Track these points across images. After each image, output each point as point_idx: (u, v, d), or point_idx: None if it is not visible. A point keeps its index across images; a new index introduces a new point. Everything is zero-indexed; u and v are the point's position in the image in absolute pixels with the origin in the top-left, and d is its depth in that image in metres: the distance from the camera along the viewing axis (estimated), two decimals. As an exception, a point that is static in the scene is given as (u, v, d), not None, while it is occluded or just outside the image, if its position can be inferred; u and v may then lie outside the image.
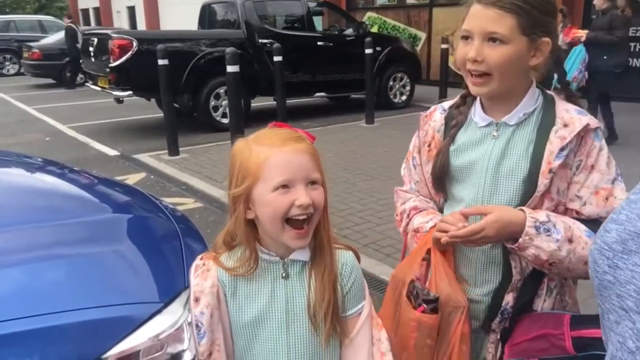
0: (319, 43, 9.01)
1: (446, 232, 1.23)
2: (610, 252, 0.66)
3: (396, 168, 1.68)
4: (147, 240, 1.83)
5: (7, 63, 17.69)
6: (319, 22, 11.36)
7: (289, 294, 1.17)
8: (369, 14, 14.06)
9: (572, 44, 6.71)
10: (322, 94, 9.39)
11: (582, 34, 6.56)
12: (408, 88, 9.90)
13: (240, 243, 1.19)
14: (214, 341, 1.17)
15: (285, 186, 1.10)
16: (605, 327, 0.69)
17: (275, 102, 7.74)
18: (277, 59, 7.26)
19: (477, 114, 1.33)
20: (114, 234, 1.79)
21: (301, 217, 1.11)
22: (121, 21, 27.37)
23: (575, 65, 6.55)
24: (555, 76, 4.39)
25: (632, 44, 8.81)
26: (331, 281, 1.16)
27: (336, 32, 9.84)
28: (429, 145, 1.39)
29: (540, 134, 1.24)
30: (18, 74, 16.86)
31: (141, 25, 25.03)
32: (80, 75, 11.98)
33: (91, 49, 8.39)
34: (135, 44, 7.41)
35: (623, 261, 0.64)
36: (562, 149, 1.20)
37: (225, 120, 7.73)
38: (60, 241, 1.67)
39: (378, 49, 8.82)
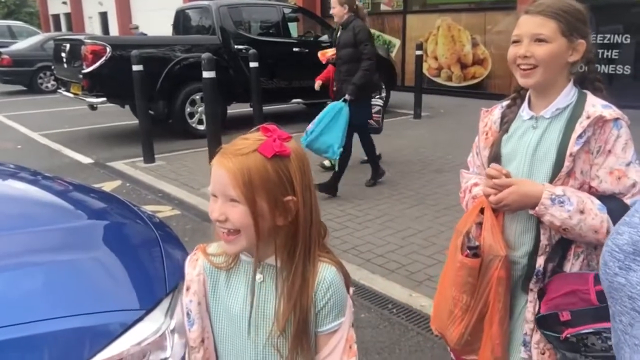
0: (294, 49, 9.02)
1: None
2: (622, 254, 0.67)
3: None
4: (125, 247, 1.81)
5: (-25, 70, 17.30)
6: (294, 28, 11.37)
7: (261, 296, 1.18)
8: (344, 20, 14.11)
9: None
10: (299, 100, 9.39)
11: (333, 52, 5.74)
12: (384, 94, 9.95)
13: None
14: (204, 328, 1.20)
15: (214, 195, 1.12)
16: (617, 329, 0.69)
17: (251, 109, 7.71)
18: (253, 64, 7.23)
19: (524, 109, 1.61)
20: (91, 241, 1.76)
21: (222, 230, 1.12)
22: (93, 27, 27.00)
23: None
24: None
25: (601, 51, 9.03)
26: (303, 292, 1.14)
27: (312, 39, 9.85)
28: (487, 134, 1.68)
29: (568, 125, 1.49)
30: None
31: (114, 31, 24.73)
32: (52, 82, 11.78)
33: (63, 54, 8.25)
34: (108, 49, 7.32)
35: (636, 263, 0.65)
36: (579, 136, 1.44)
37: (202, 127, 7.67)
38: (35, 249, 1.63)
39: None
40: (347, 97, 4.99)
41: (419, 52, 9.18)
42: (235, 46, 8.29)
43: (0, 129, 9.18)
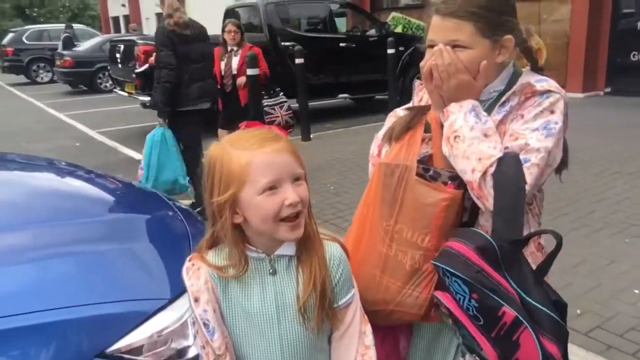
0: (341, 44, 9.03)
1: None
2: None
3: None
4: (157, 240, 1.89)
5: (40, 71, 18.23)
6: (342, 24, 11.37)
7: (277, 289, 1.19)
8: (394, 14, 13.99)
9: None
10: (346, 95, 9.41)
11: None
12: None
13: (226, 245, 1.20)
14: (223, 333, 1.19)
15: (272, 187, 1.10)
16: None
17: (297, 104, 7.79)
18: (298, 61, 7.30)
19: None
20: (126, 233, 1.85)
21: (292, 215, 1.12)
22: (149, 28, 27.85)
23: None
24: None
25: None
26: (320, 273, 1.18)
27: (359, 33, 9.83)
28: None
29: (497, 99, 1.32)
30: (51, 81, 17.35)
31: (169, 31, 25.40)
32: (110, 82, 12.26)
33: (118, 55, 8.58)
34: (160, 49, 7.54)
35: None
36: (501, 105, 1.29)
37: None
38: (76, 239, 1.73)
39: (401, 49, 8.79)
40: (159, 120, 4.31)
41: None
42: (282, 43, 8.37)
43: (62, 128, 9.65)
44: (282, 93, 6.02)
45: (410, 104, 1.52)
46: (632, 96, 9.12)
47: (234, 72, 5.80)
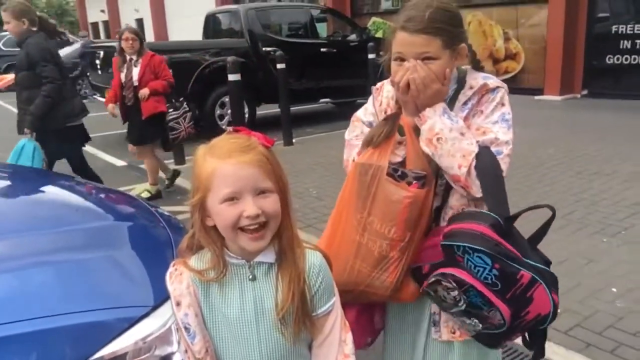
0: (322, 49, 9.08)
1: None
2: None
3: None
4: (139, 247, 1.88)
5: (18, 78, 17.94)
6: (323, 29, 11.42)
7: (257, 296, 1.20)
8: (374, 19, 14.10)
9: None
10: (327, 99, 9.45)
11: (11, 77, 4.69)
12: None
13: (204, 246, 1.22)
14: (204, 337, 1.21)
15: (233, 198, 1.12)
16: None
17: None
18: (280, 66, 7.32)
19: None
20: (108, 240, 1.83)
21: (252, 227, 1.13)
22: (130, 34, 27.65)
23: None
24: None
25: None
26: (298, 282, 1.19)
27: (339, 38, 9.89)
28: (386, 112, 1.61)
29: (453, 98, 1.52)
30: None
31: (150, 36, 25.26)
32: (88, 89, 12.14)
33: (97, 61, 8.51)
34: (140, 55, 7.50)
35: None
36: (464, 104, 1.50)
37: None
38: (57, 247, 1.71)
39: (382, 53, 8.85)
40: (26, 130, 4.10)
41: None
42: (264, 48, 8.38)
43: (41, 135, 9.51)
44: (185, 103, 5.54)
45: (369, 106, 1.68)
46: (608, 98, 9.31)
47: (135, 83, 5.21)
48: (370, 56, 8.04)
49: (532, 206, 1.44)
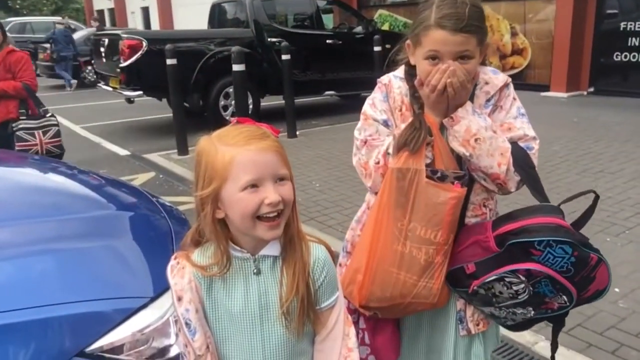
0: (328, 41, 9.02)
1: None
2: None
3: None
4: (139, 237, 1.86)
5: (23, 64, 17.92)
6: (329, 20, 11.35)
7: (261, 289, 1.19)
8: (380, 11, 14.02)
9: None
10: (332, 92, 9.40)
11: None
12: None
13: (209, 240, 1.19)
14: (206, 333, 1.19)
15: (253, 185, 1.10)
16: None
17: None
18: (285, 57, 7.28)
19: None
20: (108, 230, 1.83)
21: (272, 215, 1.12)
22: (135, 22, 27.60)
23: None
24: None
25: None
26: (303, 276, 1.18)
27: (345, 30, 9.82)
28: (401, 110, 1.55)
29: (471, 95, 1.50)
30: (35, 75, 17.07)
31: (155, 25, 25.22)
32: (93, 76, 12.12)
33: (102, 49, 8.49)
34: (145, 44, 7.48)
35: None
36: (487, 100, 1.51)
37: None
38: (57, 236, 1.70)
39: (388, 46, 8.78)
40: None
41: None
42: (269, 39, 8.34)
43: (45, 122, 9.51)
44: (51, 115, 4.50)
45: (380, 103, 1.58)
46: (615, 96, 9.24)
47: None
48: (376, 49, 7.98)
49: (577, 193, 1.50)
